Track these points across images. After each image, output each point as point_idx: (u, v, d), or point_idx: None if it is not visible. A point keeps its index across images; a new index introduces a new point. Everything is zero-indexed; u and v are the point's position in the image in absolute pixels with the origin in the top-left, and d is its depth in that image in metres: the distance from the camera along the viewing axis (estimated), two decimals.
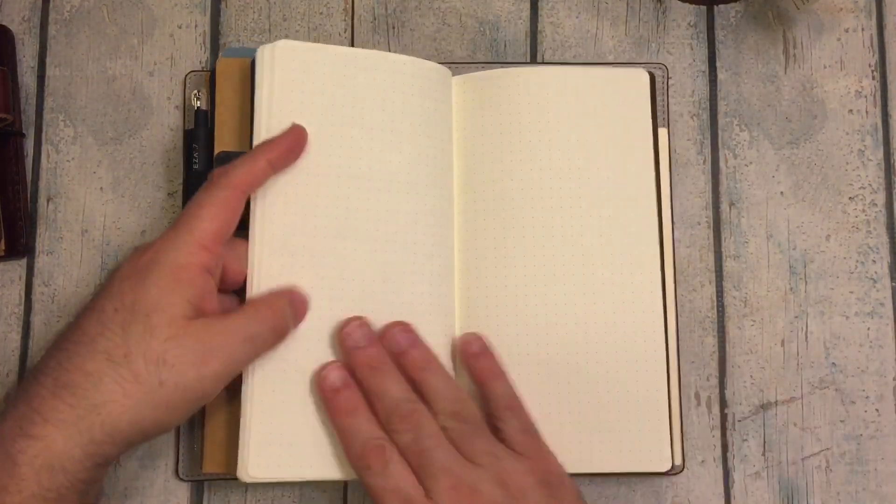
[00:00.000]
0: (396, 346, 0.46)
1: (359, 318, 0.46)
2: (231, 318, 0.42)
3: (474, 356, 0.47)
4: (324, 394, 0.45)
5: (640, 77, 0.51)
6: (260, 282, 0.45)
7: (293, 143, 0.46)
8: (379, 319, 0.47)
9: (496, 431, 0.45)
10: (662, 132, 0.51)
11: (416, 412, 0.43)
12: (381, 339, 0.46)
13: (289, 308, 0.44)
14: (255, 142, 0.46)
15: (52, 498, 0.39)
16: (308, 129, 0.47)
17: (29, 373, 0.41)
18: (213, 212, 0.42)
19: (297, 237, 0.46)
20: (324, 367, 0.45)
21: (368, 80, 0.48)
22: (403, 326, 0.46)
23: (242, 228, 0.45)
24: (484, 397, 0.46)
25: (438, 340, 0.48)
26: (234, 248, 0.45)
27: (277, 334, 0.44)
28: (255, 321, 0.43)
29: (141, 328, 0.40)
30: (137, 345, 0.39)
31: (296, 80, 0.47)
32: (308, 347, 0.46)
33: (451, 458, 0.42)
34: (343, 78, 0.48)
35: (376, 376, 0.44)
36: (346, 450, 0.44)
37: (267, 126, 0.46)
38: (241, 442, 0.44)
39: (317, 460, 0.45)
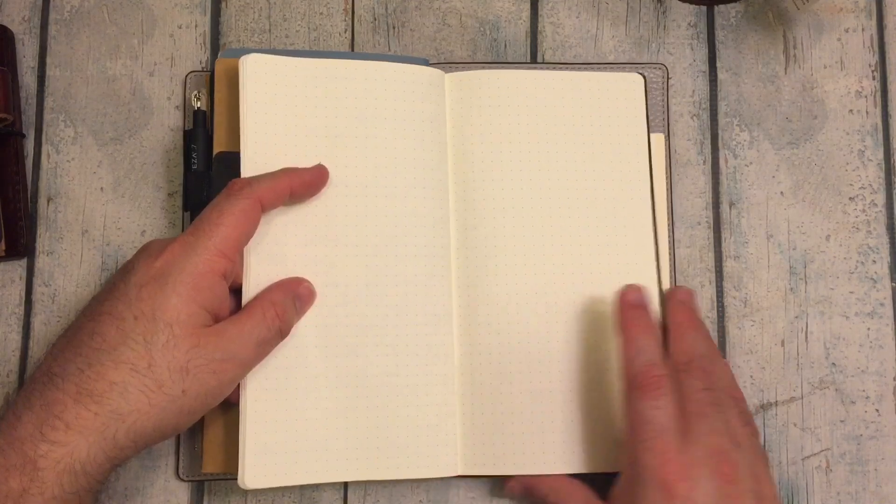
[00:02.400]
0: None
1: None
2: (242, 323, 0.43)
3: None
4: (624, 305, 0.46)
5: (635, 80, 0.51)
6: (250, 291, 0.45)
7: (315, 177, 0.47)
8: (368, 324, 0.47)
9: None
10: (658, 137, 0.52)
11: (716, 374, 0.44)
12: None
13: (293, 306, 0.45)
14: (243, 148, 0.47)
15: (73, 500, 0.39)
16: (285, 140, 0.47)
17: (41, 372, 0.41)
18: (233, 220, 0.43)
19: (281, 246, 0.46)
20: (626, 287, 0.46)
21: (341, 89, 0.49)
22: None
23: None
24: None
25: (433, 341, 0.48)
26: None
27: (283, 335, 0.45)
28: (265, 325, 0.43)
29: (164, 338, 0.40)
30: (161, 355, 0.40)
31: (268, 93, 0.48)
32: (299, 355, 0.46)
33: (725, 428, 0.42)
34: (315, 89, 0.48)
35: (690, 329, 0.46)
36: (627, 363, 0.44)
37: (248, 136, 0.47)
38: (239, 451, 0.45)
39: (313, 465, 0.45)
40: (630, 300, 0.46)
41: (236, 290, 0.46)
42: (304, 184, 0.46)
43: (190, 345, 0.40)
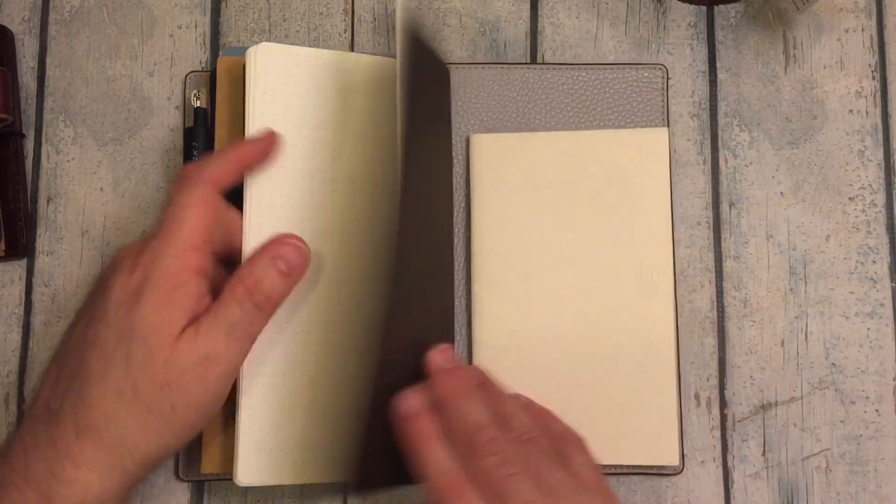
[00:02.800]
0: (477, 375, 0.44)
1: (444, 345, 0.44)
2: (214, 311, 0.41)
3: (526, 405, 0.45)
4: (399, 421, 0.42)
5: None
6: None
7: (266, 145, 0.45)
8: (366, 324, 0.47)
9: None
10: (664, 131, 0.51)
11: (496, 440, 0.40)
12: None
13: (274, 272, 0.42)
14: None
15: None
16: (287, 131, 0.47)
17: (40, 407, 0.41)
18: (193, 212, 0.41)
19: None
20: (400, 396, 0.42)
21: (346, 82, 0.48)
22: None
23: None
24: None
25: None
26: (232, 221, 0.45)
27: (265, 310, 0.42)
28: (234, 304, 0.41)
29: (140, 355, 0.39)
30: (141, 375, 0.39)
31: (276, 83, 0.47)
32: (297, 352, 0.46)
33: (530, 490, 0.39)
34: (324, 80, 0.48)
35: (457, 401, 0.42)
36: (423, 480, 0.40)
37: (254, 127, 0.47)
38: (234, 447, 0.45)
39: (307, 465, 0.45)
40: (403, 412, 0.42)
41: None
42: (255, 154, 0.45)
43: (165, 357, 0.39)
